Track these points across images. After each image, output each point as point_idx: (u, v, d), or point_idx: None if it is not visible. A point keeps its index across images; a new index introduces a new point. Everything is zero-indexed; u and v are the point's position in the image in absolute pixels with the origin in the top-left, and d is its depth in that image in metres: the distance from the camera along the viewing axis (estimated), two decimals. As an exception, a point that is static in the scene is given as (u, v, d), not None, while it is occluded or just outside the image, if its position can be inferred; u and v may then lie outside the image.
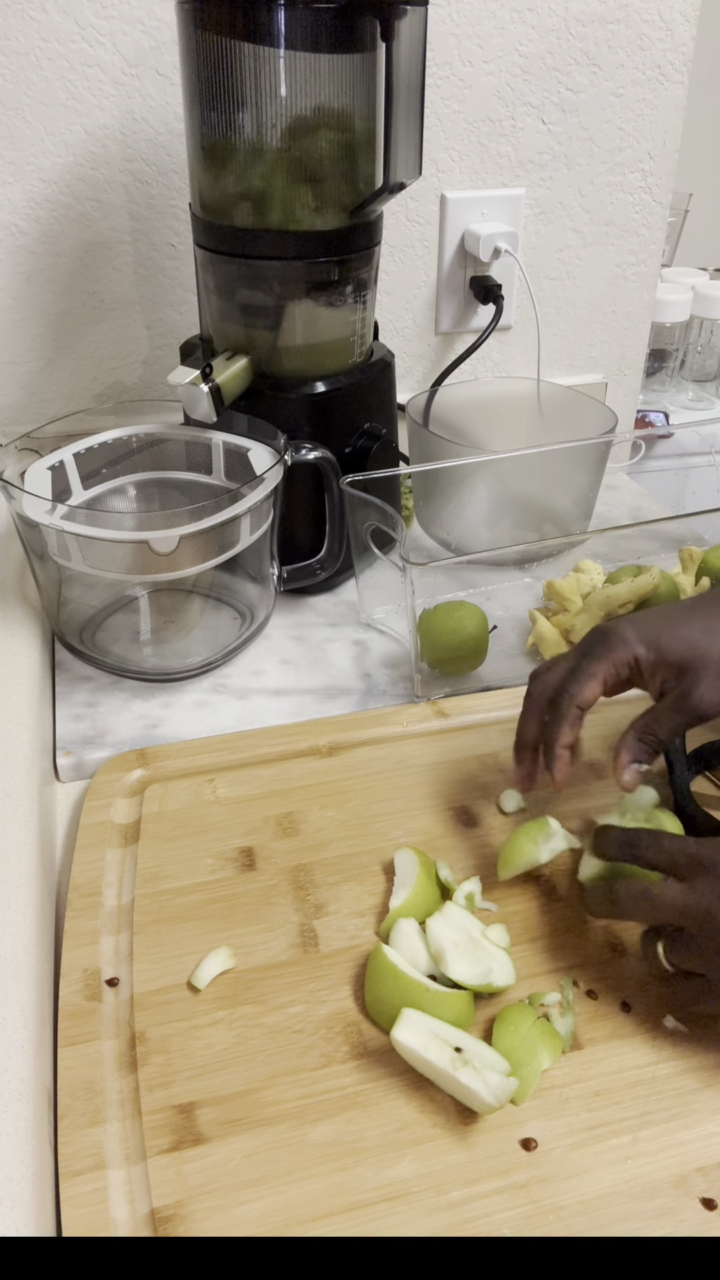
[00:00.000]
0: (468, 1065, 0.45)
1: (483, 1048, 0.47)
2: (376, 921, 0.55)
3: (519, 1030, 0.48)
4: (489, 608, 0.74)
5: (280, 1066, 0.48)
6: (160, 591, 0.78)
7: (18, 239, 0.87)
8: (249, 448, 0.74)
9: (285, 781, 0.64)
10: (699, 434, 1.27)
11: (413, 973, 0.49)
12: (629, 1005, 0.50)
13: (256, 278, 0.72)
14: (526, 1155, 0.44)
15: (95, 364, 0.94)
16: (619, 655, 0.53)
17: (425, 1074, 0.47)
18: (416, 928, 0.52)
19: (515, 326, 1.04)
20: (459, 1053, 0.45)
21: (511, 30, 0.89)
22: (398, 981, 0.49)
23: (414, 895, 0.54)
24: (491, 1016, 0.50)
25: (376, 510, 0.73)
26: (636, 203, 1.01)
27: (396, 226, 0.95)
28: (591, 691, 0.53)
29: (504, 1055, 0.47)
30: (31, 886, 0.52)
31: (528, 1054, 0.47)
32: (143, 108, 0.84)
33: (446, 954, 0.50)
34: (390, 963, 0.49)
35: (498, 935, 0.52)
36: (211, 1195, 0.43)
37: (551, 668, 0.56)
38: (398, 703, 0.72)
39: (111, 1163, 0.44)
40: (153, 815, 0.62)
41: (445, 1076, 0.45)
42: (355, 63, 0.67)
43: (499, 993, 0.51)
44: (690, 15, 0.93)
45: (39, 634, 0.74)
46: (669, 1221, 0.42)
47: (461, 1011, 0.48)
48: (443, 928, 0.52)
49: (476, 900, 0.55)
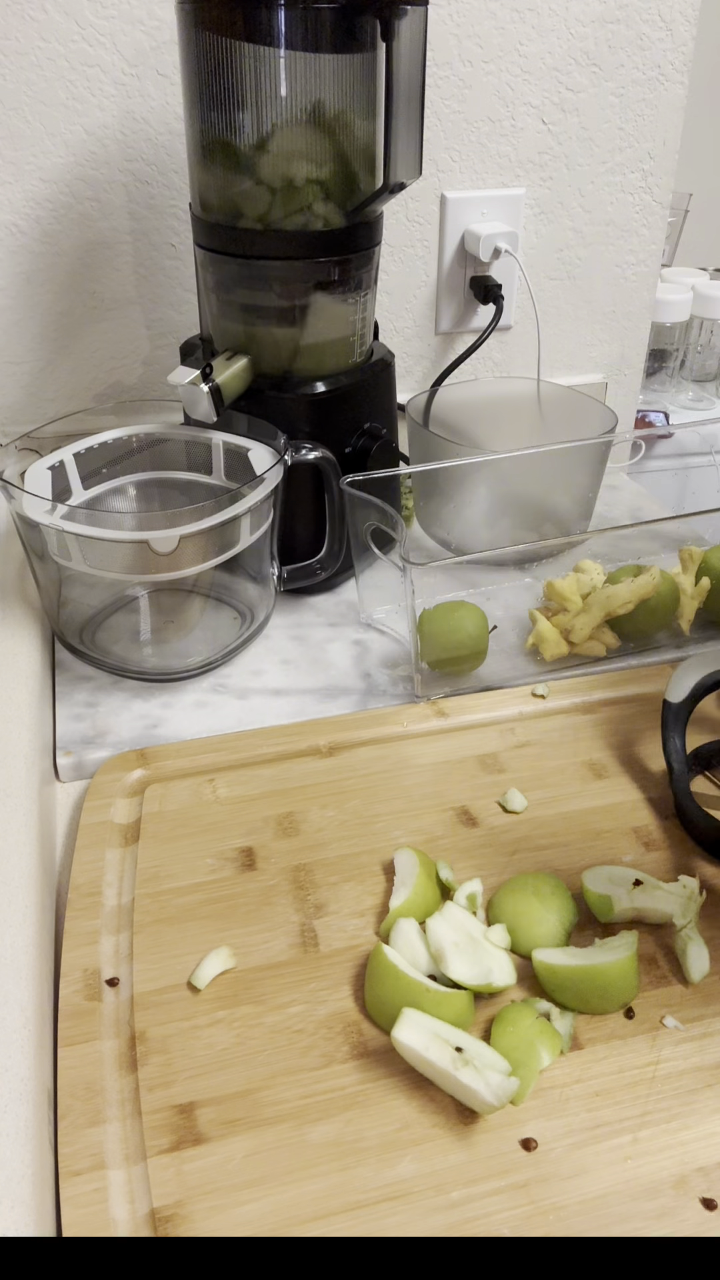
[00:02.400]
0: (469, 1065, 0.45)
1: (483, 1047, 0.47)
2: (376, 921, 0.55)
3: (518, 1029, 0.48)
4: (489, 608, 0.74)
5: (280, 1066, 0.48)
6: (160, 591, 0.78)
7: (18, 239, 0.87)
8: (249, 448, 0.74)
9: (285, 781, 0.64)
10: (699, 434, 1.27)
11: (413, 973, 0.49)
12: (632, 1011, 0.50)
13: (256, 278, 0.72)
14: (526, 1155, 0.44)
15: (95, 364, 0.94)
16: None
17: (425, 1074, 0.47)
18: (416, 928, 0.52)
19: (515, 326, 1.04)
20: (459, 1052, 0.45)
21: (511, 30, 0.89)
22: (398, 981, 0.49)
23: (414, 895, 0.55)
24: (492, 1016, 0.50)
25: (376, 510, 0.73)
26: (636, 203, 1.01)
27: (396, 226, 0.95)
28: None
29: (503, 1054, 0.47)
30: (31, 886, 0.52)
31: (527, 1053, 0.47)
32: (143, 108, 0.84)
33: (447, 954, 0.51)
34: (390, 963, 0.49)
35: (498, 936, 0.52)
36: (211, 1195, 0.43)
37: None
38: (398, 703, 0.72)
39: (111, 1163, 0.44)
40: (153, 815, 0.62)
41: (446, 1076, 0.45)
42: (355, 63, 0.67)
43: (499, 992, 0.51)
44: (690, 15, 0.93)
45: (39, 634, 0.74)
46: (669, 1221, 0.42)
47: (462, 1012, 0.48)
48: (443, 928, 0.52)
49: (478, 901, 0.55)
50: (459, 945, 0.51)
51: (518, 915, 0.53)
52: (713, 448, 1.22)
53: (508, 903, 0.54)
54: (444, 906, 0.53)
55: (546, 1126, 0.45)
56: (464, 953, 0.51)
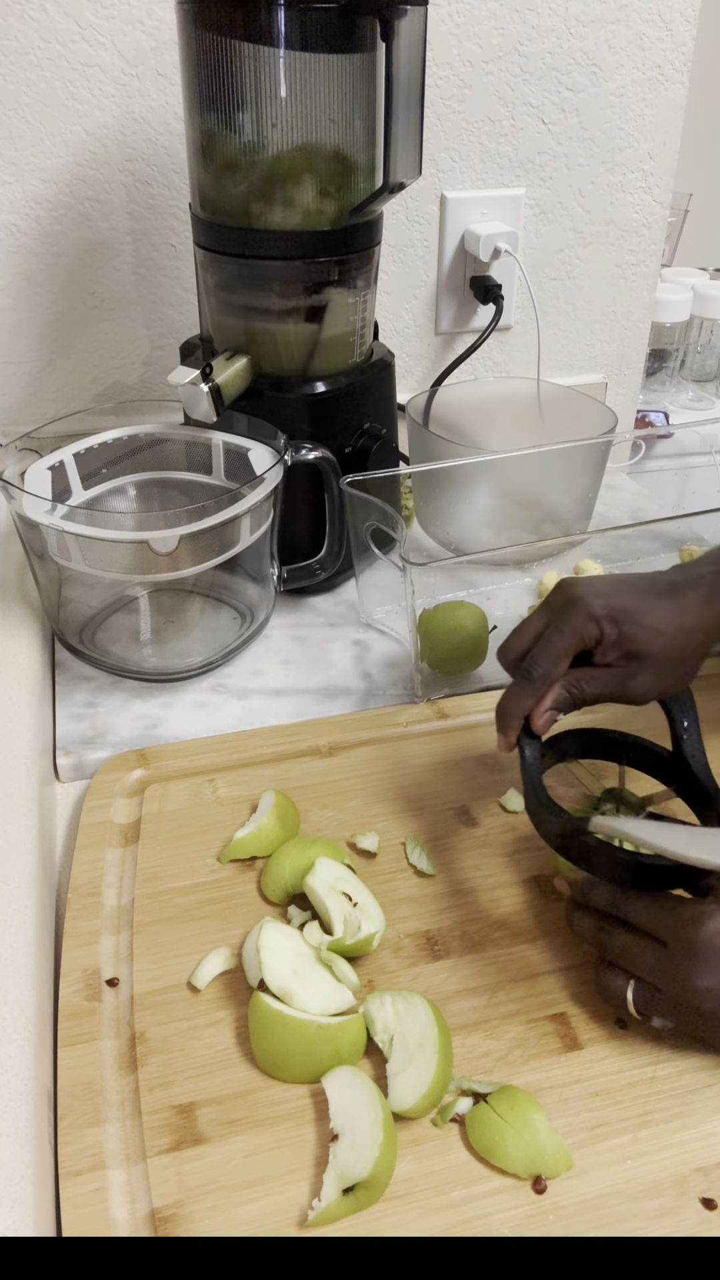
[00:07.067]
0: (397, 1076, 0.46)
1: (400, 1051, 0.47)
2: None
3: (492, 1122, 0.45)
4: (489, 608, 0.74)
5: (280, 1066, 0.48)
6: (160, 591, 0.78)
7: (18, 239, 0.87)
8: (249, 448, 0.74)
9: (285, 781, 0.64)
10: (699, 434, 1.27)
11: (298, 1014, 0.47)
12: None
13: (256, 277, 0.72)
14: (526, 1155, 0.44)
15: (95, 364, 0.94)
16: (587, 631, 0.53)
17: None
18: (283, 931, 0.51)
19: (515, 326, 1.04)
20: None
21: (511, 30, 0.89)
22: (287, 1028, 0.47)
23: (256, 830, 0.58)
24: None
25: (376, 510, 0.73)
26: (636, 203, 1.01)
27: (396, 226, 0.95)
28: (560, 667, 0.54)
29: (507, 1143, 0.44)
30: (31, 886, 0.52)
31: (524, 1126, 0.44)
32: (143, 108, 0.84)
33: (293, 989, 0.48)
34: (273, 1009, 0.47)
35: (314, 935, 0.52)
36: (211, 1195, 0.43)
37: (521, 634, 0.56)
38: (398, 703, 0.72)
39: (111, 1163, 0.44)
40: (153, 815, 0.62)
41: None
42: (355, 63, 0.67)
43: (369, 944, 0.52)
44: (690, 15, 0.93)
45: (39, 634, 0.74)
46: (669, 1221, 0.42)
47: (357, 1037, 0.47)
48: (277, 965, 0.49)
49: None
50: (299, 973, 0.49)
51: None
52: (713, 448, 1.22)
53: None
54: (267, 931, 0.51)
55: (546, 1126, 0.45)
56: (305, 978, 0.49)
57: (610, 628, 0.53)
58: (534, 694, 0.53)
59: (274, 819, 0.59)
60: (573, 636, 0.53)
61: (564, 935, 0.54)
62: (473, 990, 0.51)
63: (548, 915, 0.56)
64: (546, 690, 0.53)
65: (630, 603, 0.54)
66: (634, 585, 0.56)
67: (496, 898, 0.57)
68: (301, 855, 0.56)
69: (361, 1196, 0.42)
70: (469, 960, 0.53)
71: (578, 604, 0.54)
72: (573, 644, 0.53)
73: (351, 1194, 0.42)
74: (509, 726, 0.55)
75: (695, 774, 0.55)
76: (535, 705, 0.54)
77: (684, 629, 0.54)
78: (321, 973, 0.50)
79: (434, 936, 0.54)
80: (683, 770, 0.56)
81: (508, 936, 0.54)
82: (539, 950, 0.54)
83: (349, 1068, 0.46)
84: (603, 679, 0.54)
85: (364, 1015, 0.48)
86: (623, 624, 0.53)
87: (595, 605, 0.53)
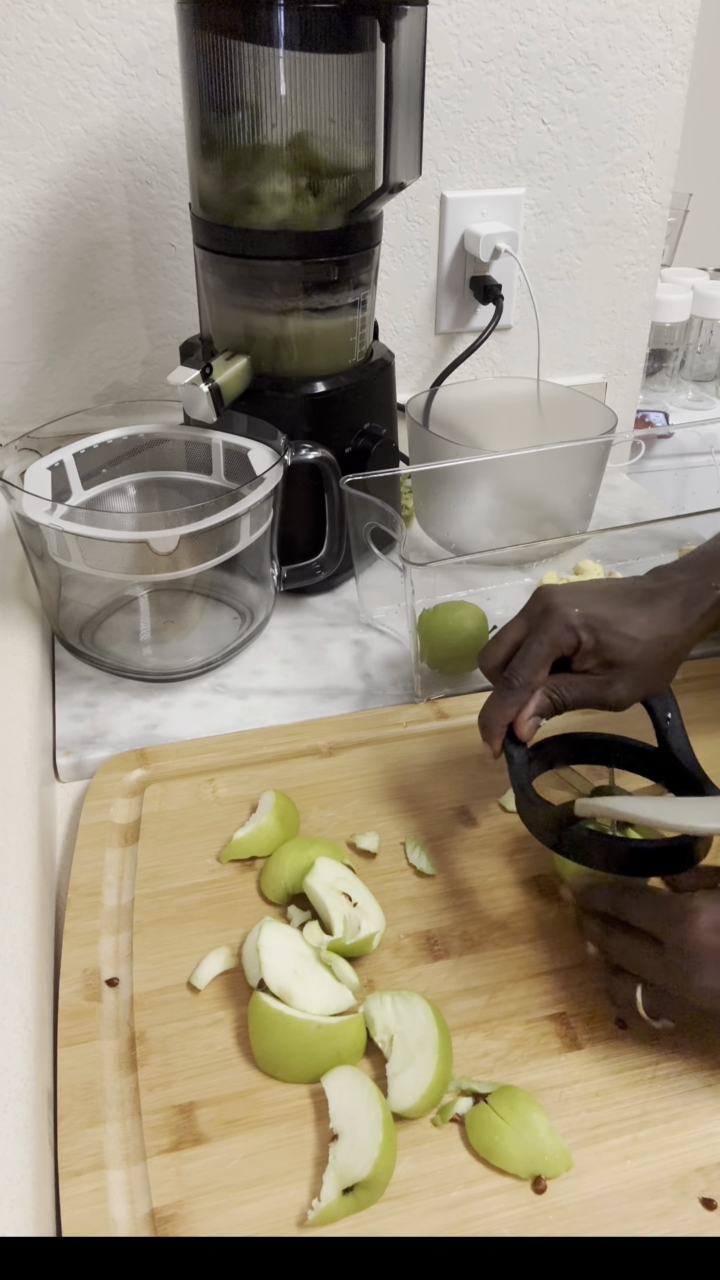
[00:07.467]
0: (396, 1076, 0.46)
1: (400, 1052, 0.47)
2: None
3: (493, 1121, 0.45)
4: (489, 608, 0.74)
5: (280, 1066, 0.48)
6: (160, 591, 0.78)
7: (18, 239, 0.87)
8: (249, 448, 0.74)
9: (285, 781, 0.64)
10: (699, 434, 1.27)
11: (298, 1014, 0.47)
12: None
13: (256, 278, 0.72)
14: (526, 1155, 0.44)
15: (95, 364, 0.94)
16: (565, 639, 0.54)
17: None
18: (283, 930, 0.52)
19: (515, 326, 1.04)
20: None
21: (511, 30, 0.89)
22: (286, 1027, 0.47)
23: (256, 830, 0.58)
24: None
25: (376, 510, 0.73)
26: (636, 203, 1.01)
27: (396, 226, 0.95)
28: (540, 675, 0.54)
29: (507, 1143, 0.44)
30: (31, 886, 0.52)
31: (523, 1126, 0.44)
32: (143, 108, 0.84)
33: (293, 990, 0.48)
34: (273, 1009, 0.47)
35: (314, 935, 0.52)
36: (211, 1195, 0.43)
37: (500, 642, 0.56)
38: (398, 703, 0.72)
39: (111, 1163, 0.44)
40: (153, 815, 0.62)
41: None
42: (355, 63, 0.67)
43: (369, 944, 0.52)
44: (690, 15, 0.93)
45: (39, 634, 0.74)
46: (669, 1221, 0.42)
47: (357, 1037, 0.47)
48: (277, 965, 0.49)
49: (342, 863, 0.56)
50: (299, 973, 0.49)
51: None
52: (713, 448, 1.22)
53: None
54: (266, 931, 0.51)
55: (546, 1126, 0.45)
56: (305, 977, 0.49)
57: (587, 636, 0.54)
58: (516, 702, 0.54)
59: (274, 819, 0.59)
60: (551, 645, 0.54)
61: (564, 935, 0.54)
62: (472, 990, 0.51)
63: (548, 915, 0.56)
64: (528, 697, 0.54)
65: (607, 611, 0.54)
66: (610, 593, 0.56)
67: (496, 898, 0.57)
68: (301, 855, 0.56)
69: (361, 1196, 0.42)
70: (469, 960, 0.53)
71: (555, 612, 0.54)
72: (551, 652, 0.54)
73: (351, 1194, 0.42)
74: (493, 734, 0.55)
75: (683, 766, 0.55)
76: (518, 713, 0.54)
77: (660, 637, 0.55)
78: (321, 973, 0.50)
79: (434, 936, 0.54)
80: (670, 764, 0.56)
81: (507, 936, 0.54)
82: (539, 950, 0.54)
83: (349, 1068, 0.46)
84: (582, 685, 0.55)
85: (364, 1015, 0.48)
86: (599, 632, 0.54)
87: (572, 614, 0.54)
